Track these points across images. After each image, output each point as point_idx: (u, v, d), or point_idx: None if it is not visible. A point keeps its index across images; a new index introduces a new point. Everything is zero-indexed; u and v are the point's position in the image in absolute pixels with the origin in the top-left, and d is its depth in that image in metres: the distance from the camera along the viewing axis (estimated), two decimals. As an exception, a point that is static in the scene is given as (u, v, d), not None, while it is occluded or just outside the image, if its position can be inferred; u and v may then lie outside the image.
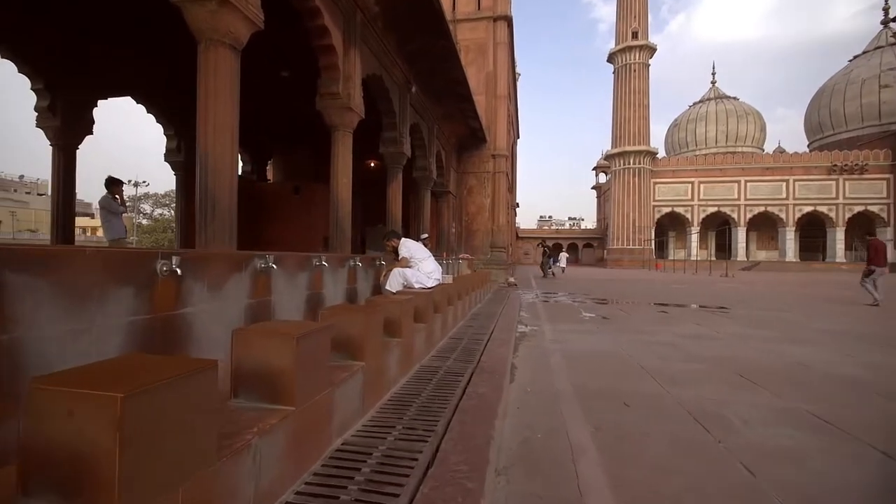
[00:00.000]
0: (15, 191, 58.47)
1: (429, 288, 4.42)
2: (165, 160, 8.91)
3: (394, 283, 4.29)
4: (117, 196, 6.32)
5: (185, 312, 2.18)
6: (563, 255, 29.81)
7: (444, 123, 11.37)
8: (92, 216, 67.19)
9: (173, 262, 2.05)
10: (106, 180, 6.22)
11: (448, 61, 8.06)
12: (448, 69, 8.41)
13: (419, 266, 4.51)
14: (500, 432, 2.25)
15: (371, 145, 8.08)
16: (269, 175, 13.07)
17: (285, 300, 2.97)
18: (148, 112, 8.60)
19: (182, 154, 8.96)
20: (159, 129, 8.84)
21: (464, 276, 7.55)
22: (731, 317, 7.34)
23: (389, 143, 7.90)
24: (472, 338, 4.59)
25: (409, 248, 4.60)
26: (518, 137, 28.38)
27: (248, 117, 11.89)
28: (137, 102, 8.52)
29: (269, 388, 1.61)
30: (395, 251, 4.63)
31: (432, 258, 4.75)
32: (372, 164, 13.69)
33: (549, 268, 21.15)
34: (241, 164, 11.48)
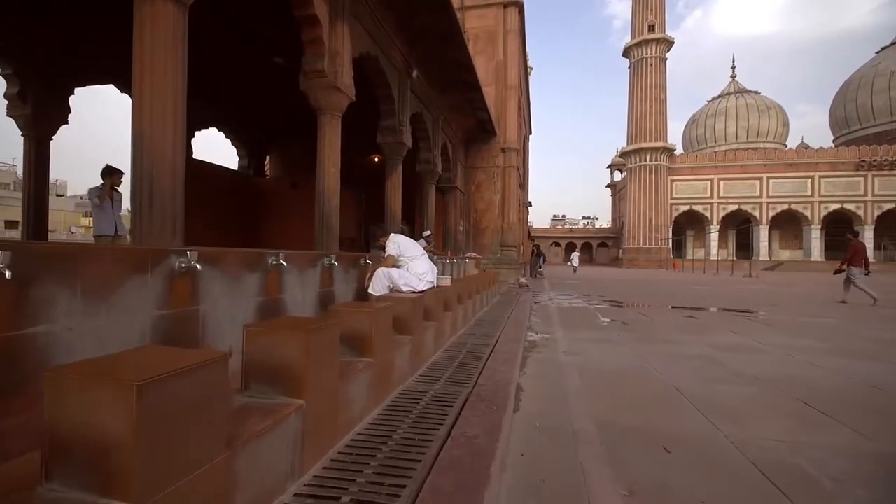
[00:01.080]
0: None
1: (419, 291, 3.77)
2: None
3: (378, 285, 3.65)
4: (116, 188, 5.75)
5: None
6: (576, 255, 30.29)
7: (450, 115, 10.71)
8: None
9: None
10: (102, 169, 5.66)
11: (451, 41, 7.38)
12: (451, 50, 7.73)
13: (409, 266, 3.87)
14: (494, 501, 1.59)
15: (376, 139, 7.53)
16: (270, 171, 12.54)
17: (220, 311, 2.33)
18: None
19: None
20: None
21: (468, 278, 6.89)
22: (767, 323, 6.54)
23: (388, 132, 7.27)
24: (472, 350, 3.92)
25: (399, 245, 3.95)
26: (530, 133, 27.57)
27: (243, 110, 11.40)
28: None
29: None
30: (385, 249, 3.99)
31: (425, 257, 4.10)
32: (376, 160, 13.10)
33: (539, 268, 21.83)
34: (237, 158, 10.98)
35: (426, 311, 3.59)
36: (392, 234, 4.04)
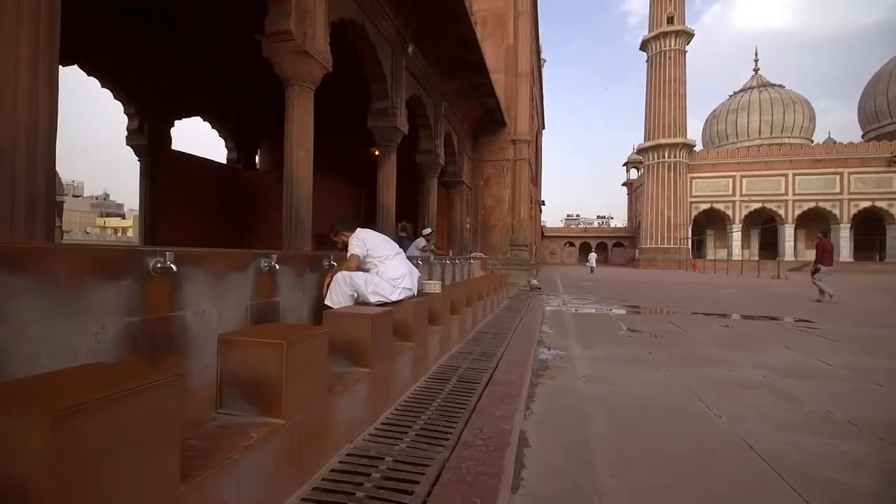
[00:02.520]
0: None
1: (392, 302, 2.90)
2: (127, 144, 7.69)
3: (338, 295, 2.78)
4: None
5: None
6: (592, 255, 30.44)
7: (454, 101, 9.82)
8: (123, 216, 68.79)
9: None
10: None
11: (452, 11, 6.47)
12: (453, 23, 6.83)
13: (379, 269, 3.05)
14: None
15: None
16: (261, 164, 11.75)
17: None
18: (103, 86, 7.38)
19: (145, 136, 7.71)
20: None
21: (470, 281, 6.00)
22: (824, 335, 5.50)
23: (379, 115, 6.42)
24: (463, 378, 3.03)
25: (365, 242, 3.07)
26: (543, 128, 26.51)
27: (228, 97, 10.63)
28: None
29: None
30: (347, 248, 3.11)
31: (401, 257, 3.25)
32: (377, 153, 12.27)
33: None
34: (225, 151, 10.24)
35: (399, 328, 2.72)
36: (358, 230, 3.14)
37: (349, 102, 8.37)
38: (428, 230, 7.76)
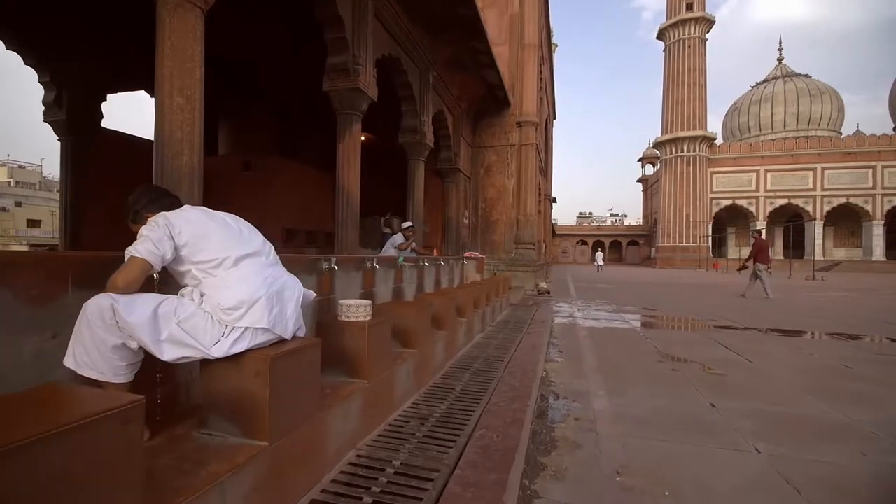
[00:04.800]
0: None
1: (215, 359, 1.42)
2: (45, 120, 6.34)
3: (89, 345, 1.24)
4: None
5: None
6: (599, 255, 30.95)
7: (448, 74, 8.31)
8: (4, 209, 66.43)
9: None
10: None
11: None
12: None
13: (204, 286, 1.46)
14: None
15: (365, 118, 5.29)
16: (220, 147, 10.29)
17: None
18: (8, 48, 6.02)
19: (64, 110, 6.35)
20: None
21: (449, 292, 4.51)
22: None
23: (336, 73, 4.94)
24: (389, 491, 1.53)
25: (179, 228, 1.44)
26: (554, 118, 24.84)
27: None
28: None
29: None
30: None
31: (263, 262, 1.63)
32: (363, 138, 10.80)
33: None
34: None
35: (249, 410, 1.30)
36: (175, 211, 1.55)
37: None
38: (408, 224, 6.27)
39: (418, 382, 2.73)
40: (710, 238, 38.57)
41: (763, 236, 11.06)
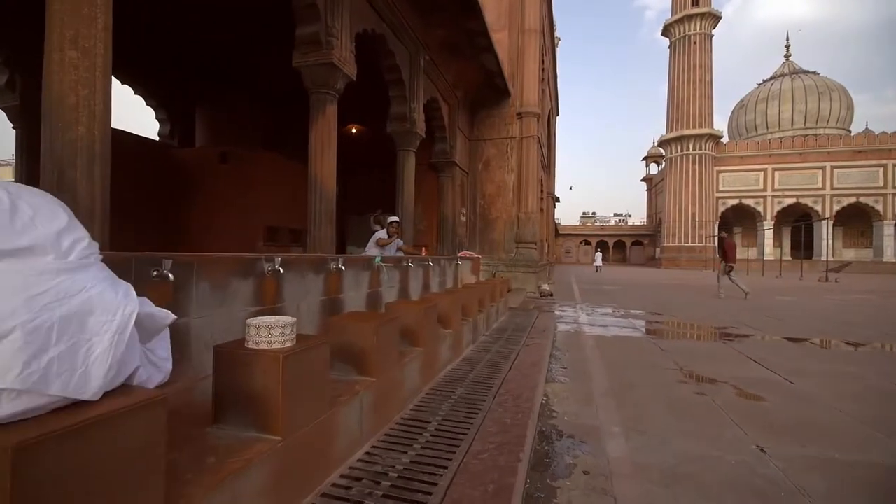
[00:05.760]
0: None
1: None
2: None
3: None
4: None
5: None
6: (598, 255, 30.76)
7: (443, 59, 7.67)
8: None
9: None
10: None
11: None
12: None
13: None
14: None
15: (356, 107, 4.66)
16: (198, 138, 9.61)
17: None
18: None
19: (18, 95, 5.76)
20: None
21: (437, 297, 3.88)
22: None
23: (307, 45, 4.32)
24: None
25: None
26: (557, 114, 24.15)
27: (155, 52, 7.37)
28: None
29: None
30: None
31: (50, 262, 0.99)
32: (354, 130, 10.20)
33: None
34: (157, 125, 8.22)
35: None
36: None
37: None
38: (392, 218, 5.63)
39: (374, 425, 2.09)
40: (716, 238, 37.75)
41: (731, 237, 11.11)
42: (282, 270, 2.39)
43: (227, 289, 2.11)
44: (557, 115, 24.48)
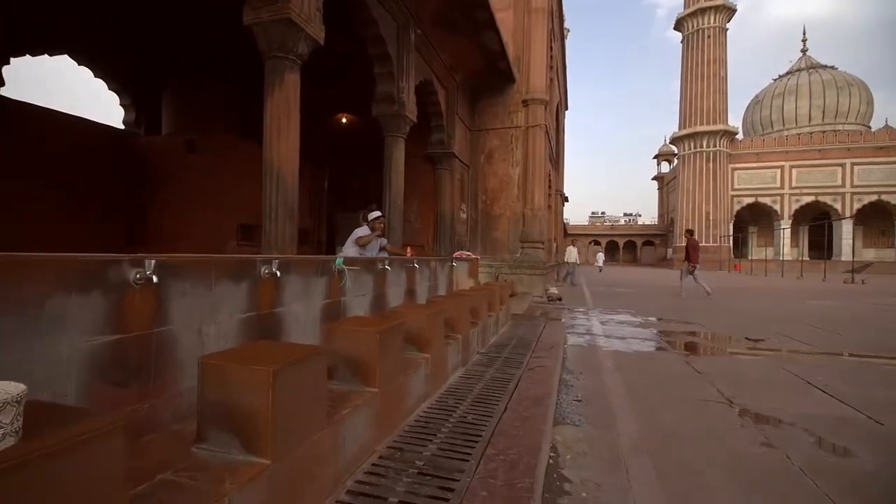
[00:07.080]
0: None
1: None
2: None
3: None
4: None
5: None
6: (600, 255, 30.57)
7: (438, 35, 6.86)
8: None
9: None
10: None
11: None
12: None
13: None
14: None
15: (345, 95, 3.89)
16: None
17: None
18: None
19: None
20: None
21: (413, 310, 3.06)
22: None
23: (262, 3, 3.52)
24: None
25: None
26: (567, 109, 23.22)
27: (113, 28, 5.99)
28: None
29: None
30: None
31: None
32: (344, 120, 9.41)
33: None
34: (122, 111, 7.50)
35: None
36: None
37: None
38: (375, 213, 4.80)
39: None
40: (731, 238, 36.53)
41: (694, 236, 11.06)
42: (155, 279, 1.58)
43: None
44: (566, 109, 23.54)
